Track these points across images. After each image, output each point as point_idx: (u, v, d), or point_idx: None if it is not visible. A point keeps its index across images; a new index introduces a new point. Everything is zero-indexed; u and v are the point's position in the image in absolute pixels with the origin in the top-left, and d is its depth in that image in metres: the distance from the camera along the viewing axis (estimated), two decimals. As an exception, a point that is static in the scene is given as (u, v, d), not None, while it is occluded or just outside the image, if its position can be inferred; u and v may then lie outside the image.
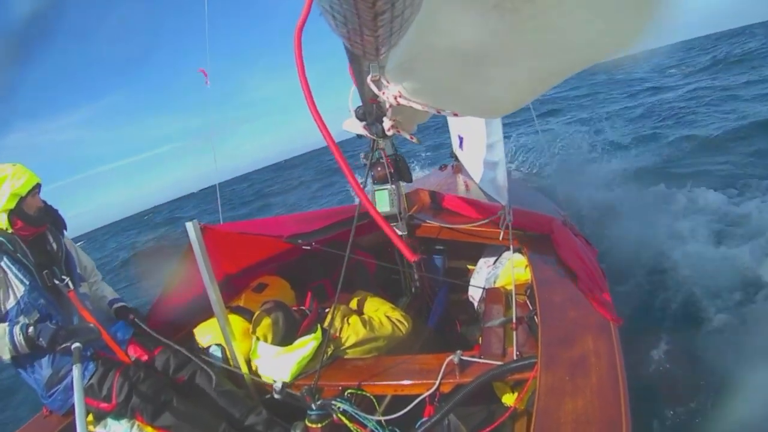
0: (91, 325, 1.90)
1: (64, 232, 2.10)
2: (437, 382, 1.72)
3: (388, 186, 2.62)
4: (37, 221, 1.92)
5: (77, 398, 1.53)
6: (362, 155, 2.50)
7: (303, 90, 1.06)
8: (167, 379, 2.01)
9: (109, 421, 1.90)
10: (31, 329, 1.78)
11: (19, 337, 1.77)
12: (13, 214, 1.85)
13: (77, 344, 1.76)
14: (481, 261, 2.80)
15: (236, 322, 2.15)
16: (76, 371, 1.64)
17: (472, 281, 2.68)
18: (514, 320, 1.81)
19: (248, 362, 2.12)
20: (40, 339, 1.77)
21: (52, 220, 2.03)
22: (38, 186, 1.91)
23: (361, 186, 1.12)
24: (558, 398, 1.32)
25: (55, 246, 2.01)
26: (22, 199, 1.85)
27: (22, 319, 1.82)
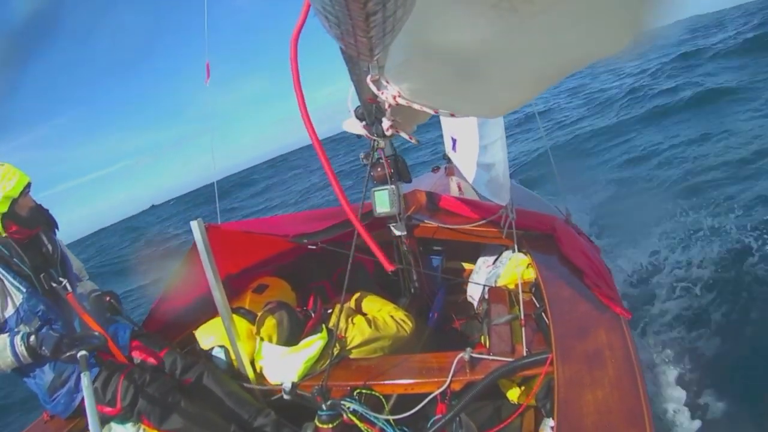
0: (96, 333, 1.86)
1: (56, 231, 2.03)
2: (448, 380, 1.73)
3: (388, 186, 2.62)
4: (30, 222, 1.85)
5: (89, 406, 1.49)
6: (362, 155, 2.51)
7: (297, 98, 1.06)
8: (174, 381, 1.98)
9: (113, 425, 1.88)
10: (32, 339, 1.73)
11: (20, 348, 1.72)
12: (7, 218, 1.77)
13: (83, 352, 1.71)
14: (480, 261, 2.81)
15: (239, 323, 2.13)
16: (85, 380, 1.60)
17: (471, 281, 2.69)
18: (521, 317, 1.81)
19: (252, 363, 2.12)
20: (43, 348, 1.72)
21: (45, 220, 1.96)
22: (29, 185, 1.83)
23: (338, 192, 1.12)
24: (577, 390, 1.34)
25: (50, 247, 1.94)
26: (14, 201, 1.77)
27: (23, 328, 1.77)
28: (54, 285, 1.88)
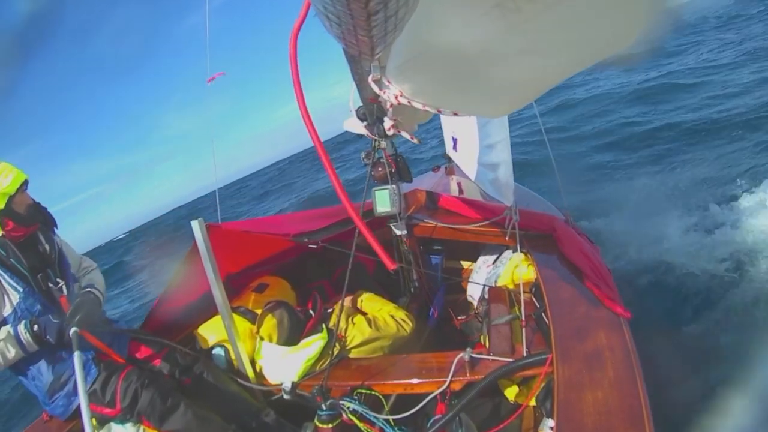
0: (91, 296, 1.86)
1: (55, 230, 2.02)
2: (448, 380, 1.73)
3: (389, 186, 2.62)
4: (27, 220, 1.83)
5: (80, 388, 1.48)
6: (363, 155, 2.51)
7: (296, 96, 1.06)
8: (174, 381, 1.98)
9: (113, 425, 1.87)
10: (36, 327, 1.74)
11: (26, 336, 1.73)
12: (3, 215, 1.76)
13: (74, 329, 1.70)
14: (480, 260, 2.81)
15: (239, 322, 2.13)
16: (76, 359, 1.58)
17: (471, 281, 2.69)
18: (522, 317, 1.81)
19: (252, 363, 2.11)
20: (47, 336, 1.73)
21: (43, 218, 1.94)
22: (26, 182, 1.82)
23: (338, 190, 1.12)
24: (577, 391, 1.34)
25: (47, 246, 1.93)
26: (11, 198, 1.76)
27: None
28: (51, 286, 1.87)
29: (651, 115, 8.18)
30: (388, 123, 1.69)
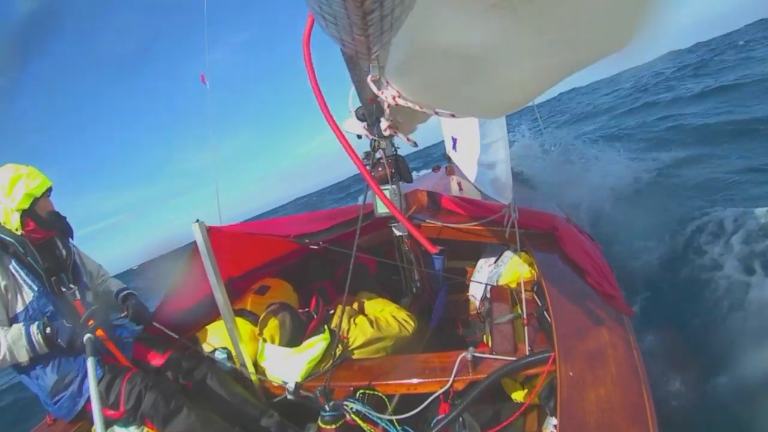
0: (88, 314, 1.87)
1: (71, 239, 2.06)
2: (451, 380, 1.73)
3: (389, 186, 2.62)
4: (48, 224, 1.88)
5: (93, 392, 1.48)
6: (362, 155, 2.51)
7: (315, 95, 1.08)
8: (178, 383, 1.99)
9: (117, 428, 1.88)
10: (48, 329, 1.75)
11: (37, 337, 1.74)
12: (26, 215, 1.81)
13: (89, 335, 1.72)
14: (482, 260, 2.81)
15: (241, 324, 2.14)
16: (90, 364, 1.59)
17: (473, 280, 2.69)
18: (524, 316, 1.81)
19: (255, 365, 2.12)
20: (59, 339, 1.75)
21: (61, 226, 1.99)
22: (50, 189, 1.89)
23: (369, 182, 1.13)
24: (580, 389, 1.34)
25: (64, 252, 1.98)
26: (36, 200, 1.82)
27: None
28: (63, 290, 1.91)
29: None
30: (385, 123, 1.69)
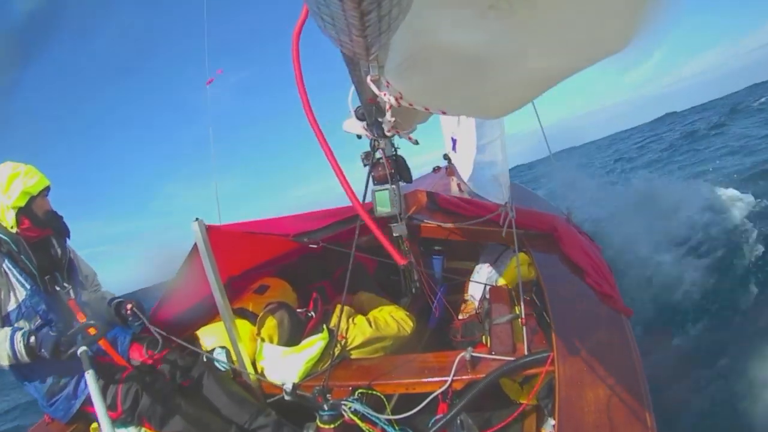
0: (90, 321, 1.83)
1: (68, 239, 2.05)
2: (450, 379, 1.72)
3: (389, 186, 2.62)
4: (43, 223, 1.87)
5: (97, 405, 1.47)
6: (362, 156, 2.51)
7: (300, 95, 1.06)
8: (174, 383, 1.98)
9: (115, 429, 1.87)
10: (32, 339, 1.71)
11: (19, 345, 1.70)
12: (22, 213, 1.80)
13: (83, 348, 1.69)
14: (481, 260, 2.81)
15: (240, 324, 2.13)
16: (89, 377, 1.58)
17: (472, 280, 2.69)
18: (522, 316, 1.81)
19: (253, 364, 2.11)
20: (42, 350, 1.70)
21: (58, 226, 1.98)
22: (48, 188, 1.88)
23: (345, 187, 1.12)
24: (578, 389, 1.34)
25: (59, 252, 1.96)
26: (32, 199, 1.81)
27: (23, 324, 1.78)
28: (57, 288, 1.89)
29: None
30: (387, 124, 1.68)
